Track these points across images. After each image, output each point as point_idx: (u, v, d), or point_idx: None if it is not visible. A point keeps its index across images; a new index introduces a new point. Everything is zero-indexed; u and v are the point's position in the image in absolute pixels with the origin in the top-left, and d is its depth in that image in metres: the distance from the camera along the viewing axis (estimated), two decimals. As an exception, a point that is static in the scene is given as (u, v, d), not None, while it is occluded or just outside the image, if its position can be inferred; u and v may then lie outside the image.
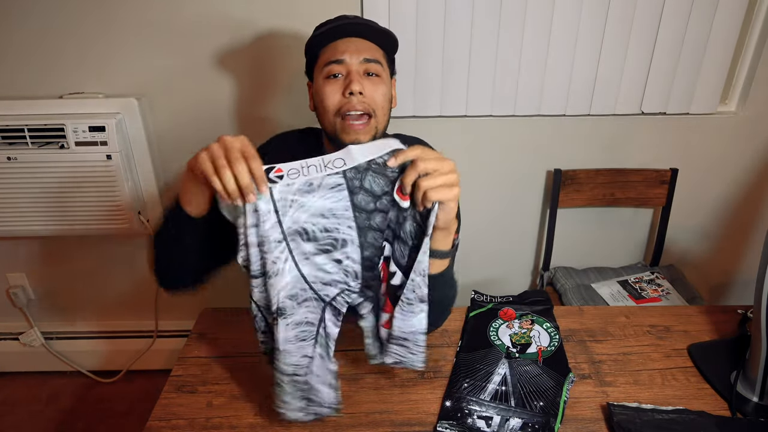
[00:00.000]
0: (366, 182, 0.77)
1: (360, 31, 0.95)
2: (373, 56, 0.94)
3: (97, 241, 1.70)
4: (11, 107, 1.46)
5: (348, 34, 0.94)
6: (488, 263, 1.78)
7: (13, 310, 1.83)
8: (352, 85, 0.90)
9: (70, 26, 1.40)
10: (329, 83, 0.93)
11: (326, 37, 0.95)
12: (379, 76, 0.95)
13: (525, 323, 1.06)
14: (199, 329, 1.06)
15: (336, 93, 0.92)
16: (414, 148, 0.75)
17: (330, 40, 0.95)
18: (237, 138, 0.73)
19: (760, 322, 0.85)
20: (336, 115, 0.92)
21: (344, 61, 0.92)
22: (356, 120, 0.91)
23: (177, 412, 0.88)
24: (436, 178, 0.74)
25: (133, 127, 1.48)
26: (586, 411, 0.87)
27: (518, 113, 1.54)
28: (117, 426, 1.74)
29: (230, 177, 0.70)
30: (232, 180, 0.70)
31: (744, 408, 0.88)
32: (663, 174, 1.61)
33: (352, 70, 0.92)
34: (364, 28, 0.95)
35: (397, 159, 0.75)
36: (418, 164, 0.74)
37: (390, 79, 0.98)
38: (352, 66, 0.92)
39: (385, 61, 0.97)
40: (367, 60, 0.93)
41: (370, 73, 0.93)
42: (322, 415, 0.82)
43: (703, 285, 1.82)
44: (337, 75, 0.92)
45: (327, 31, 0.95)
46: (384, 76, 0.96)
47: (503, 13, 1.41)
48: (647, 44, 1.46)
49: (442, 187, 0.74)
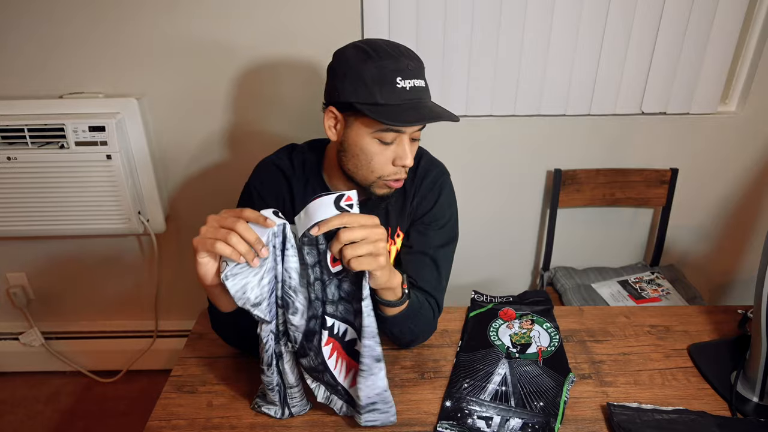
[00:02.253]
0: (306, 256, 0.76)
1: (436, 120, 0.87)
2: (423, 124, 0.91)
3: (97, 241, 1.70)
4: (11, 107, 1.45)
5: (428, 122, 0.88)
6: (488, 263, 1.78)
7: (13, 310, 1.83)
8: (406, 160, 0.89)
9: (71, 26, 1.40)
10: (379, 147, 0.89)
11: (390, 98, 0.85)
12: (419, 139, 0.94)
13: (525, 323, 1.06)
14: (199, 329, 1.06)
15: (386, 161, 0.90)
16: (339, 217, 0.73)
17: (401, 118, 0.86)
18: (222, 212, 0.75)
19: (760, 322, 0.85)
20: (379, 179, 0.92)
21: (404, 131, 0.89)
22: (395, 181, 0.92)
23: (177, 412, 0.88)
24: (360, 246, 0.73)
25: (133, 127, 1.48)
26: (586, 411, 0.87)
27: (518, 113, 1.54)
28: (117, 426, 1.74)
29: (238, 239, 0.71)
30: (241, 241, 0.71)
31: (744, 408, 0.88)
32: (663, 174, 1.61)
33: (406, 144, 0.90)
34: (438, 113, 0.88)
35: (320, 228, 0.73)
36: (342, 234, 0.73)
37: None
38: (406, 138, 0.90)
39: None
40: (419, 128, 0.91)
41: (414, 138, 0.92)
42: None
43: (703, 285, 1.82)
44: (390, 142, 0.89)
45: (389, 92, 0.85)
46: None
47: (503, 13, 1.41)
48: (647, 44, 1.46)
49: (367, 257, 0.74)
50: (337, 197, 0.73)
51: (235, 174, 1.32)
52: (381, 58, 0.86)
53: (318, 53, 1.43)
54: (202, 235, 0.74)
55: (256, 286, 0.74)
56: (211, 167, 1.60)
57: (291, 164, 1.03)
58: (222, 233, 0.72)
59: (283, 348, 0.80)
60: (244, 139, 1.56)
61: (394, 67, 0.86)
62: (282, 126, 1.54)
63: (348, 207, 0.73)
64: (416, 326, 0.94)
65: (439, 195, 1.03)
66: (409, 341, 0.99)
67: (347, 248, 0.73)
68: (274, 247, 0.74)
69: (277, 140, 1.52)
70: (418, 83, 0.88)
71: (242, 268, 0.73)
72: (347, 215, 0.73)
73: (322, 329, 0.80)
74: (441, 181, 1.04)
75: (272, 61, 1.45)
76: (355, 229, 0.73)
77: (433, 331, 1.01)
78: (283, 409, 0.85)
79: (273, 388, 0.82)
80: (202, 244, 0.73)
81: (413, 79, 0.87)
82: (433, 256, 0.99)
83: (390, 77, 0.85)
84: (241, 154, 1.58)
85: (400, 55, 0.87)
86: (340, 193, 0.74)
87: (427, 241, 1.00)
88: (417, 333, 0.97)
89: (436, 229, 1.02)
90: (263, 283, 0.74)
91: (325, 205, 0.73)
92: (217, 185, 1.62)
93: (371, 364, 0.77)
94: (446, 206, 1.04)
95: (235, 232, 0.71)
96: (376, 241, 0.74)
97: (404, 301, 0.86)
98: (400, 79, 0.85)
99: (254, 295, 0.74)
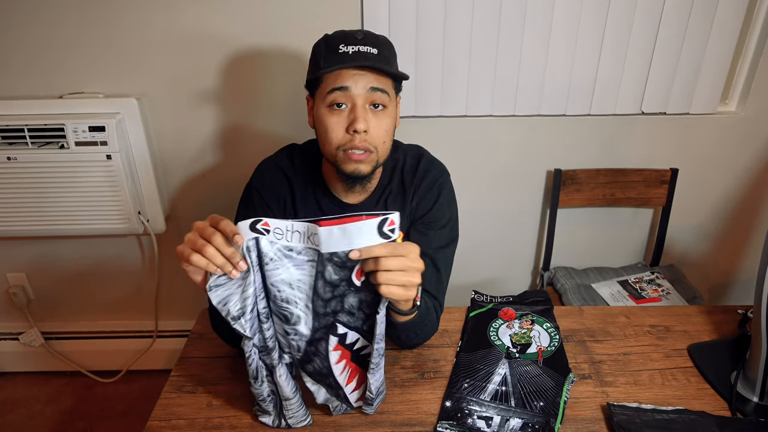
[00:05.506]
0: (327, 272, 0.75)
1: (367, 64, 0.86)
2: (380, 84, 0.87)
3: (96, 241, 1.70)
4: (11, 107, 1.45)
5: (354, 64, 0.85)
6: (488, 263, 1.78)
7: (13, 310, 1.83)
8: (357, 123, 0.85)
9: (71, 26, 1.40)
10: (332, 114, 0.87)
11: (329, 62, 0.86)
12: (385, 108, 0.89)
13: (525, 323, 1.06)
14: (199, 329, 1.06)
15: (339, 128, 0.87)
16: (383, 246, 0.71)
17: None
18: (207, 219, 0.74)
19: (760, 322, 0.85)
20: (338, 149, 0.89)
21: (349, 89, 0.85)
22: (357, 152, 0.88)
23: (177, 412, 0.88)
24: (396, 276, 0.71)
25: (133, 127, 1.48)
26: (586, 411, 0.88)
27: (518, 113, 1.54)
28: (117, 426, 1.74)
29: (214, 252, 0.71)
30: (217, 254, 0.71)
31: (744, 408, 0.88)
32: (663, 174, 1.61)
33: (358, 104, 0.86)
34: (372, 60, 0.86)
35: (362, 254, 0.71)
36: (382, 261, 0.71)
37: (395, 103, 0.94)
38: (358, 97, 0.86)
39: (391, 86, 0.90)
40: (373, 89, 0.86)
41: (376, 104, 0.88)
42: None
43: (703, 285, 1.82)
44: (341, 105, 0.87)
45: (331, 57, 0.86)
46: (390, 105, 0.90)
47: (503, 13, 1.41)
48: (647, 44, 1.46)
49: (399, 288, 0.72)
50: (380, 222, 0.70)
51: (236, 174, 1.32)
52: (334, 36, 0.89)
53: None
54: (183, 244, 0.73)
55: (238, 300, 0.73)
56: (211, 167, 1.60)
57: (292, 164, 1.03)
58: (199, 244, 0.71)
59: (275, 361, 0.80)
60: (245, 138, 1.56)
61: (341, 37, 0.87)
62: (282, 126, 1.54)
63: (390, 232, 0.71)
64: (422, 331, 0.95)
65: (438, 195, 1.02)
66: (414, 344, 1.00)
67: (382, 274, 0.71)
68: (251, 262, 0.73)
69: (278, 140, 1.52)
70: (365, 49, 0.86)
71: (226, 280, 0.73)
72: (391, 245, 0.71)
73: (330, 335, 0.79)
74: (441, 181, 1.03)
75: (273, 61, 1.45)
76: (395, 258, 0.71)
77: (435, 332, 1.02)
78: (280, 420, 0.84)
79: (264, 399, 0.82)
80: (181, 254, 0.73)
81: (359, 45, 0.86)
82: (433, 257, 0.99)
83: (335, 46, 0.87)
84: (242, 154, 1.58)
85: (354, 31, 0.89)
86: (384, 217, 0.70)
87: (428, 242, 1.00)
88: (422, 337, 0.99)
89: (436, 229, 1.01)
90: (245, 296, 0.73)
91: (369, 230, 0.70)
92: (217, 185, 1.62)
93: (379, 361, 0.81)
94: (446, 206, 1.03)
95: (211, 244, 0.71)
96: (412, 274, 0.73)
97: (414, 311, 0.86)
98: (344, 45, 0.86)
99: (235, 308, 0.73)
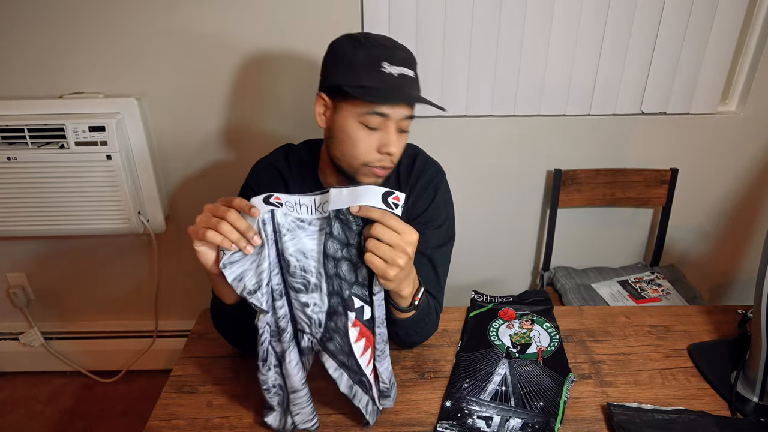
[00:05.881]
0: (335, 229, 0.76)
1: (413, 100, 0.89)
2: (412, 112, 0.90)
3: (97, 241, 1.70)
4: (11, 107, 1.45)
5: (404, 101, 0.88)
6: (488, 263, 1.78)
7: (13, 310, 1.83)
8: (390, 147, 0.88)
9: (71, 26, 1.40)
10: (364, 132, 0.88)
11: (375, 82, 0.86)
12: (407, 131, 0.93)
13: (525, 323, 1.06)
14: (199, 329, 1.07)
15: (371, 147, 0.89)
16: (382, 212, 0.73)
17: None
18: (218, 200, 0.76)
19: (760, 322, 0.85)
20: (363, 165, 0.90)
21: (389, 117, 0.87)
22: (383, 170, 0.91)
23: (177, 412, 0.88)
24: (380, 247, 0.73)
25: (133, 127, 1.48)
26: (586, 411, 0.88)
27: (518, 113, 1.54)
28: (117, 426, 1.74)
29: (228, 227, 0.73)
30: (232, 229, 0.73)
31: (744, 408, 0.88)
32: (663, 174, 1.61)
33: (391, 129, 0.88)
34: (416, 90, 0.89)
35: (361, 209, 0.73)
36: (374, 228, 0.73)
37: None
38: (393, 122, 0.88)
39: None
40: (407, 117, 0.90)
41: (402, 129, 0.91)
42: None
43: (703, 285, 1.82)
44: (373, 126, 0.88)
45: (375, 77, 0.86)
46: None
47: (503, 13, 1.41)
48: (647, 44, 1.46)
49: (380, 260, 0.73)
50: (387, 191, 0.73)
51: (235, 174, 1.32)
52: (372, 47, 0.87)
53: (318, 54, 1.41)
54: (196, 224, 0.76)
55: (253, 275, 0.75)
56: (211, 167, 1.60)
57: (287, 164, 1.04)
58: (213, 222, 0.73)
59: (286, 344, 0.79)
60: (245, 138, 1.56)
61: (382, 54, 0.87)
62: (282, 125, 1.54)
63: (393, 205, 0.73)
64: (422, 330, 0.95)
65: (434, 194, 1.02)
66: (412, 343, 1.00)
67: (371, 241, 0.73)
68: (266, 236, 0.75)
69: (278, 140, 1.52)
70: (407, 72, 0.88)
71: (240, 256, 0.75)
72: (389, 214, 0.73)
73: (347, 311, 0.79)
74: (437, 181, 1.03)
75: (273, 61, 1.45)
76: (388, 230, 0.73)
77: (435, 331, 1.02)
78: (285, 417, 0.83)
79: (269, 389, 0.81)
80: (195, 233, 0.75)
81: (401, 67, 0.88)
82: (430, 257, 0.99)
83: (377, 62, 0.86)
84: (242, 154, 1.58)
85: (392, 46, 0.89)
86: (391, 190, 0.73)
87: (425, 242, 0.99)
88: (422, 336, 0.98)
89: (433, 228, 1.01)
90: (260, 270, 0.75)
91: (374, 194, 0.73)
92: (217, 185, 1.62)
93: (384, 348, 0.81)
94: (442, 206, 1.04)
95: (225, 220, 0.73)
96: (398, 252, 0.73)
97: (411, 310, 0.86)
98: (388, 64, 0.86)
99: (251, 282, 0.75)
